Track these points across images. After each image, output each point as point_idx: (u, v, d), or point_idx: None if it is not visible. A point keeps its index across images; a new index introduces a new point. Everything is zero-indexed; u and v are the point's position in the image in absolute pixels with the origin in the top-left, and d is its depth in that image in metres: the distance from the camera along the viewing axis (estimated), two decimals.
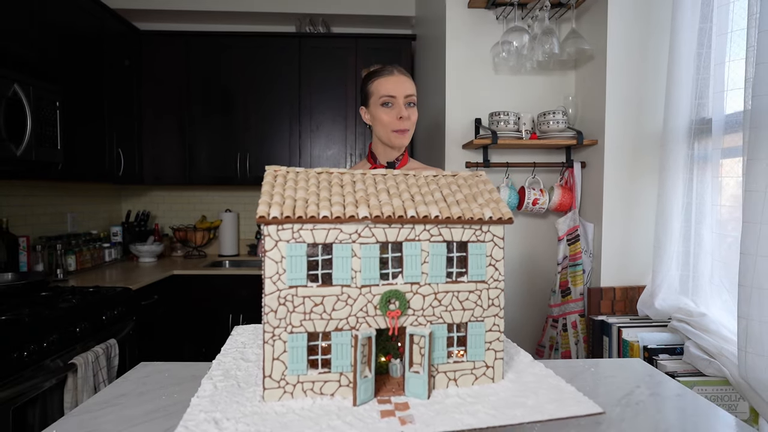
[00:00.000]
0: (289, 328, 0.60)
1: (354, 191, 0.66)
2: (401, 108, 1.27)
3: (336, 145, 2.99)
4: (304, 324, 0.60)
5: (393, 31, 3.25)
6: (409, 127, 1.29)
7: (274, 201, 0.61)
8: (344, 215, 0.60)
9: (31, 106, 1.84)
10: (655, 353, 1.51)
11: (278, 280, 0.59)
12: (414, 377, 0.62)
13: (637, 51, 1.80)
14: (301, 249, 0.59)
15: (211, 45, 2.93)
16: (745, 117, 1.20)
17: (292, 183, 0.67)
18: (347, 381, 0.61)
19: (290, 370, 0.60)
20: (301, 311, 0.60)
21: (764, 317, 1.12)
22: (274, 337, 0.59)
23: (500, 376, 0.68)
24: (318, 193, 0.65)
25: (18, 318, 1.52)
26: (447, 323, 0.65)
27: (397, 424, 0.55)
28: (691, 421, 0.83)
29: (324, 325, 0.60)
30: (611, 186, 1.84)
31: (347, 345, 0.61)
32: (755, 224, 1.14)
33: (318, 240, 0.60)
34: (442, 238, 0.63)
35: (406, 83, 1.29)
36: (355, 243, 0.61)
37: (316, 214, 0.59)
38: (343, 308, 0.61)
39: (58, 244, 2.38)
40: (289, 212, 0.59)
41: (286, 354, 0.60)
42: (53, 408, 1.58)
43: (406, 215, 0.62)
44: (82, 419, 0.78)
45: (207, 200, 3.32)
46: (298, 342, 0.60)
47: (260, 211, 0.58)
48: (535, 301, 2.16)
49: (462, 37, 2.08)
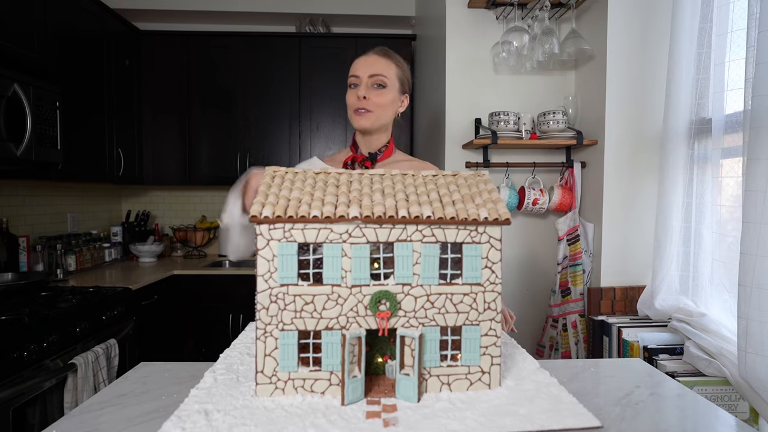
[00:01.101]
0: (280, 325, 0.61)
1: (349, 191, 0.67)
2: (361, 88, 1.18)
3: (336, 145, 2.99)
4: (295, 322, 0.61)
5: (393, 31, 3.25)
6: (372, 108, 1.18)
7: (268, 201, 0.62)
8: (334, 215, 0.60)
9: (31, 106, 1.84)
10: (655, 353, 1.51)
11: (270, 278, 0.60)
12: (404, 379, 0.61)
13: (637, 51, 1.80)
14: (292, 248, 0.60)
15: (211, 45, 2.93)
16: (745, 117, 1.20)
17: (288, 183, 0.67)
18: (337, 380, 0.62)
19: (281, 367, 0.61)
20: (292, 309, 0.61)
21: (764, 317, 1.12)
22: (266, 333, 0.61)
23: (497, 382, 0.66)
24: (312, 193, 0.65)
25: (18, 318, 1.52)
26: (440, 326, 0.63)
27: (380, 425, 0.55)
28: (691, 422, 0.83)
29: (315, 323, 0.61)
30: (611, 186, 1.84)
31: (337, 344, 0.61)
32: (755, 224, 1.14)
33: (309, 239, 0.61)
34: (435, 239, 0.62)
35: (376, 63, 1.19)
36: (345, 243, 0.61)
37: (306, 214, 0.60)
38: (334, 307, 0.62)
39: (58, 244, 2.38)
40: (281, 212, 0.60)
41: (277, 351, 0.61)
42: (53, 408, 1.58)
43: (398, 215, 0.61)
44: (82, 419, 0.78)
45: (207, 200, 3.32)
46: (289, 339, 0.61)
47: (253, 211, 0.60)
48: (535, 301, 2.16)
49: (462, 37, 2.08)
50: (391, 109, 1.22)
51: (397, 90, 1.22)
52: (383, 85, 1.19)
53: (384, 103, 1.19)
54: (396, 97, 1.22)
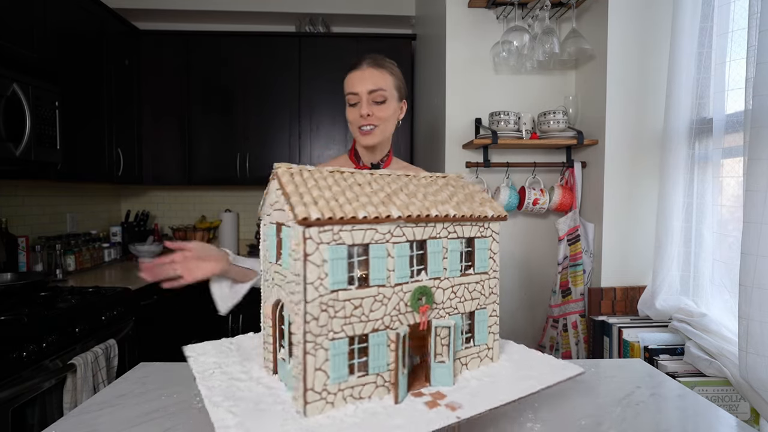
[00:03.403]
0: (330, 335, 0.57)
1: (374, 191, 0.66)
2: (363, 105, 1.18)
3: (336, 145, 2.98)
4: (345, 329, 0.58)
5: (393, 30, 3.25)
6: (376, 122, 1.19)
7: (307, 201, 0.57)
8: (381, 215, 0.59)
9: (31, 106, 1.84)
10: (655, 353, 1.51)
11: (320, 285, 0.56)
12: (440, 367, 0.65)
13: (637, 51, 1.80)
14: (342, 251, 0.57)
15: (211, 45, 2.93)
16: (746, 117, 1.20)
17: (313, 182, 0.64)
18: (383, 381, 0.61)
19: (332, 379, 0.57)
20: (342, 316, 0.58)
21: (765, 317, 1.11)
22: (316, 346, 0.56)
23: (498, 356, 0.74)
24: (344, 193, 0.63)
25: (17, 318, 1.52)
26: (461, 313, 0.69)
27: (449, 411, 0.57)
28: (691, 422, 0.83)
29: (362, 327, 0.59)
30: (611, 186, 1.84)
31: (383, 345, 0.61)
32: (756, 224, 1.13)
33: (356, 241, 0.58)
34: (456, 235, 0.68)
35: (372, 77, 1.18)
36: (389, 243, 0.61)
37: (354, 215, 0.58)
38: (379, 308, 0.60)
39: (58, 244, 2.38)
40: (329, 213, 0.56)
41: (327, 362, 0.57)
42: (52, 408, 1.58)
43: (431, 214, 0.64)
44: (81, 419, 0.78)
45: (207, 200, 3.32)
46: (340, 348, 0.58)
47: (300, 213, 0.55)
48: (535, 301, 2.15)
49: (462, 36, 2.08)
50: (393, 120, 1.24)
51: (396, 99, 1.23)
52: (383, 99, 1.19)
53: (387, 117, 1.21)
54: (396, 106, 1.24)
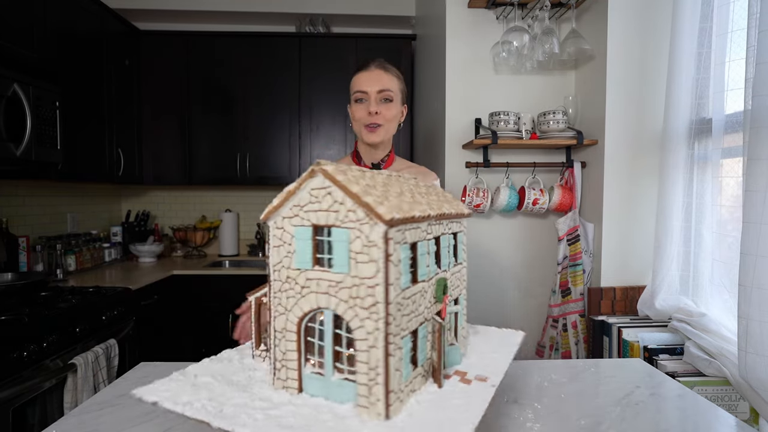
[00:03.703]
0: (401, 333, 0.57)
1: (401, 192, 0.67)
2: (371, 103, 1.24)
3: (336, 145, 2.99)
4: (409, 325, 0.59)
5: (393, 31, 3.25)
6: (382, 122, 1.25)
7: (376, 199, 0.56)
8: (427, 214, 0.62)
9: (31, 106, 1.84)
10: (655, 353, 1.51)
11: (395, 284, 0.56)
12: (452, 349, 0.71)
13: (637, 51, 1.80)
14: (407, 250, 0.58)
15: (211, 45, 2.93)
16: (746, 117, 1.20)
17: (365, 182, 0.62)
18: (423, 371, 0.63)
19: (404, 377, 0.58)
20: (408, 312, 0.58)
21: (764, 317, 1.12)
22: (396, 346, 0.56)
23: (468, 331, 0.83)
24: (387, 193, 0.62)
25: (18, 318, 1.52)
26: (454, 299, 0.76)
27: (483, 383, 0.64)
28: (691, 422, 0.83)
29: (416, 322, 0.61)
30: (611, 186, 1.84)
31: (426, 336, 0.63)
32: (755, 224, 1.14)
33: (410, 239, 0.59)
34: (450, 231, 0.74)
35: (381, 78, 1.25)
36: (426, 240, 0.64)
37: (413, 214, 0.58)
38: (423, 302, 0.62)
39: (58, 244, 2.38)
40: (400, 213, 0.55)
41: (401, 361, 0.57)
42: (53, 408, 1.58)
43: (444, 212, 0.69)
44: (82, 419, 0.78)
45: (207, 200, 3.32)
46: (408, 345, 0.58)
47: (385, 212, 0.53)
48: (535, 301, 2.15)
49: (462, 37, 2.08)
50: (396, 121, 1.31)
51: (399, 102, 1.30)
52: (390, 99, 1.26)
53: (392, 117, 1.28)
54: (399, 109, 1.31)
